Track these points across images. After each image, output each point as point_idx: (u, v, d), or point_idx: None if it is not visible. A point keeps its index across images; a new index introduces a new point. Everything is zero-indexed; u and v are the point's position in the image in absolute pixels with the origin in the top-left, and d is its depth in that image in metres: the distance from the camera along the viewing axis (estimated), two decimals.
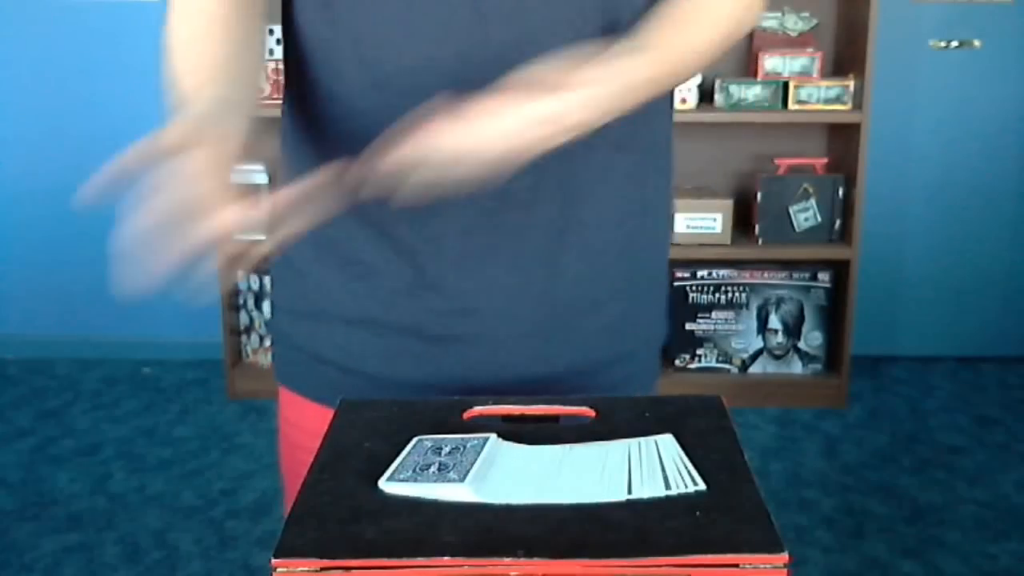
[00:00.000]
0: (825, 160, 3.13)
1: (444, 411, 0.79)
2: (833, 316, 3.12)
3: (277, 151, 1.02)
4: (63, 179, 3.38)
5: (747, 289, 3.11)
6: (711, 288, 3.11)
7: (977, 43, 3.25)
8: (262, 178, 3.05)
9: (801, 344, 3.14)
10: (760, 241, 3.07)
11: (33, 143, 3.35)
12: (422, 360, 0.95)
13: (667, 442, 0.72)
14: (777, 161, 3.11)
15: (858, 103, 2.96)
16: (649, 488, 0.65)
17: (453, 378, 0.95)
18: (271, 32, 3.02)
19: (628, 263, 0.98)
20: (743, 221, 3.14)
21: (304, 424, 1.01)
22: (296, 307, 1.01)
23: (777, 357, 3.15)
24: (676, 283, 3.10)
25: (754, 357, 3.15)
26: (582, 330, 0.97)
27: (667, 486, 0.66)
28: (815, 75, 3.01)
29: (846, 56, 3.09)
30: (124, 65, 3.28)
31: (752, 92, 2.99)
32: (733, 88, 2.99)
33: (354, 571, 0.60)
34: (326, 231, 0.90)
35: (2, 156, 3.37)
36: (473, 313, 0.93)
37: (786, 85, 2.99)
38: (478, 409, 0.79)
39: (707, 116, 3.03)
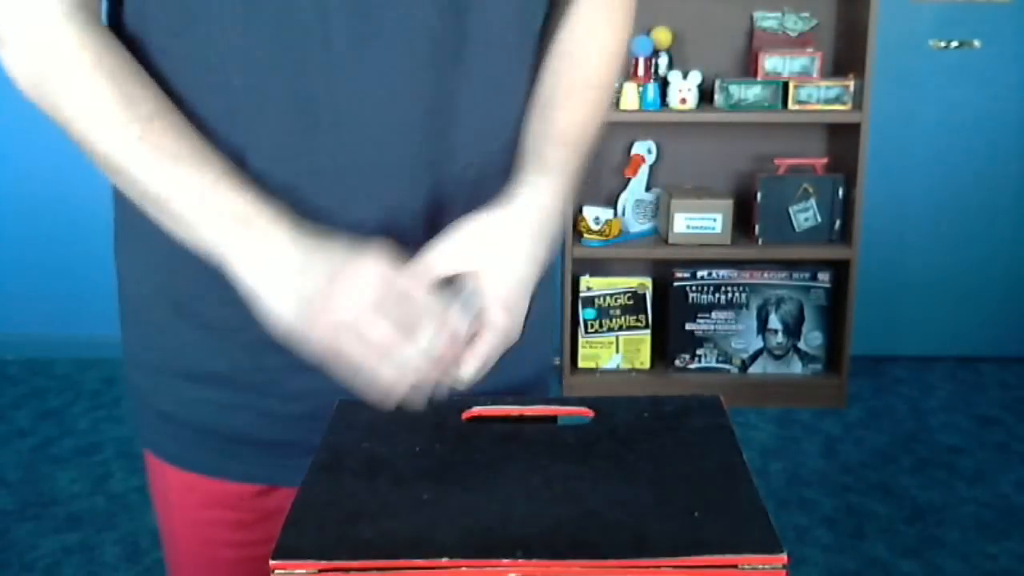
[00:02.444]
0: (825, 160, 3.13)
1: (443, 411, 0.79)
2: (833, 316, 3.12)
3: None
4: (63, 179, 3.38)
5: (747, 289, 3.11)
6: (711, 288, 3.11)
7: (977, 43, 3.25)
8: None
9: (801, 344, 3.14)
10: (760, 241, 3.07)
11: (33, 143, 3.35)
12: (280, 419, 0.89)
13: None
14: (777, 161, 3.10)
15: (858, 103, 2.96)
16: None
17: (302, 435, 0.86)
18: None
19: None
20: (743, 221, 3.14)
21: (167, 491, 0.95)
22: (144, 361, 0.93)
23: (777, 357, 3.15)
24: (676, 283, 3.10)
25: (754, 357, 3.15)
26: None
27: None
28: (815, 75, 3.01)
29: (846, 56, 3.09)
30: None
31: (752, 92, 2.99)
32: (733, 88, 2.98)
33: (353, 572, 0.60)
34: (181, 285, 0.86)
35: (2, 156, 3.37)
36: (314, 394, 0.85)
37: (786, 85, 2.99)
38: (477, 409, 0.79)
39: (707, 116, 3.03)
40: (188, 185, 0.76)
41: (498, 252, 0.79)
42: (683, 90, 2.98)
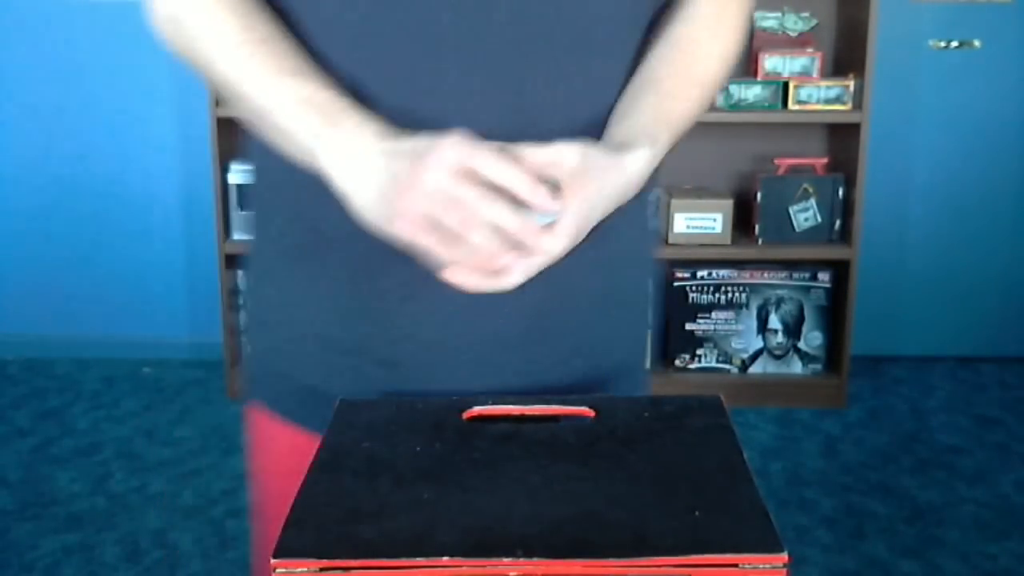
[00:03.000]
0: (825, 160, 3.13)
1: (444, 411, 0.79)
2: (833, 316, 3.12)
3: None
4: (63, 179, 3.38)
5: (747, 289, 3.11)
6: (711, 288, 3.11)
7: (977, 43, 3.25)
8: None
9: (801, 344, 3.14)
10: (760, 241, 3.07)
11: (33, 143, 3.35)
12: (369, 379, 0.91)
13: None
14: (777, 161, 3.10)
15: (858, 103, 2.96)
16: None
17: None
18: None
19: (602, 280, 0.93)
20: (743, 221, 3.14)
21: (271, 444, 0.99)
22: (265, 319, 0.97)
23: (777, 357, 3.15)
24: (676, 283, 3.10)
25: (754, 357, 3.15)
26: (538, 358, 0.92)
27: None
28: (815, 75, 3.01)
29: (846, 56, 3.09)
30: (123, 65, 3.28)
31: (752, 92, 2.99)
32: (733, 88, 2.98)
33: (354, 571, 0.60)
34: (304, 240, 0.89)
35: (2, 156, 3.37)
36: (414, 339, 0.89)
37: (786, 85, 2.99)
38: (478, 409, 0.79)
39: (707, 116, 2.99)
40: (287, 96, 0.82)
41: (590, 183, 0.79)
42: None
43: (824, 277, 3.10)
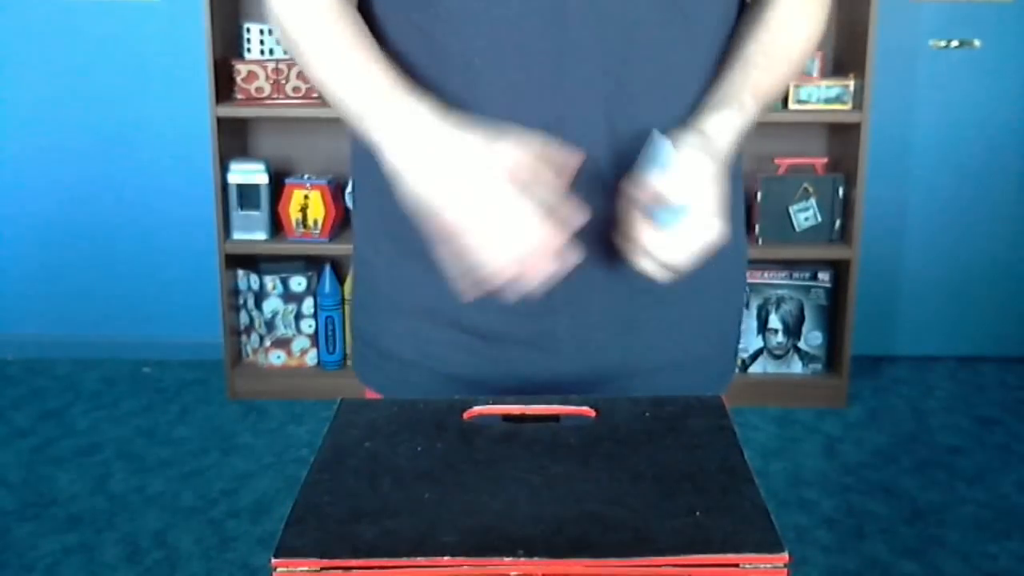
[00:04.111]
0: (825, 160, 3.13)
1: (444, 411, 0.79)
2: (833, 316, 3.12)
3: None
4: (63, 179, 3.38)
5: (747, 289, 3.11)
6: None
7: (977, 43, 3.25)
8: (263, 177, 3.05)
9: (801, 344, 3.14)
10: (760, 241, 3.07)
11: (33, 143, 3.35)
12: (483, 358, 0.96)
13: None
14: (777, 161, 3.10)
15: (858, 103, 2.96)
16: None
17: (512, 377, 0.97)
18: (267, 32, 3.01)
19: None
20: None
21: None
22: (367, 302, 1.04)
23: (777, 357, 3.15)
24: None
25: (754, 357, 3.15)
26: (648, 329, 0.97)
27: None
28: (815, 75, 3.01)
29: (846, 56, 3.09)
30: (125, 65, 3.28)
31: None
32: None
33: (354, 571, 0.60)
34: (403, 226, 0.92)
35: (2, 156, 3.37)
36: (538, 314, 0.94)
37: None
38: (478, 409, 0.79)
39: None
40: (360, 88, 0.90)
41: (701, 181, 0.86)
42: None
43: (824, 277, 3.10)
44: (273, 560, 0.60)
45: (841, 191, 3.04)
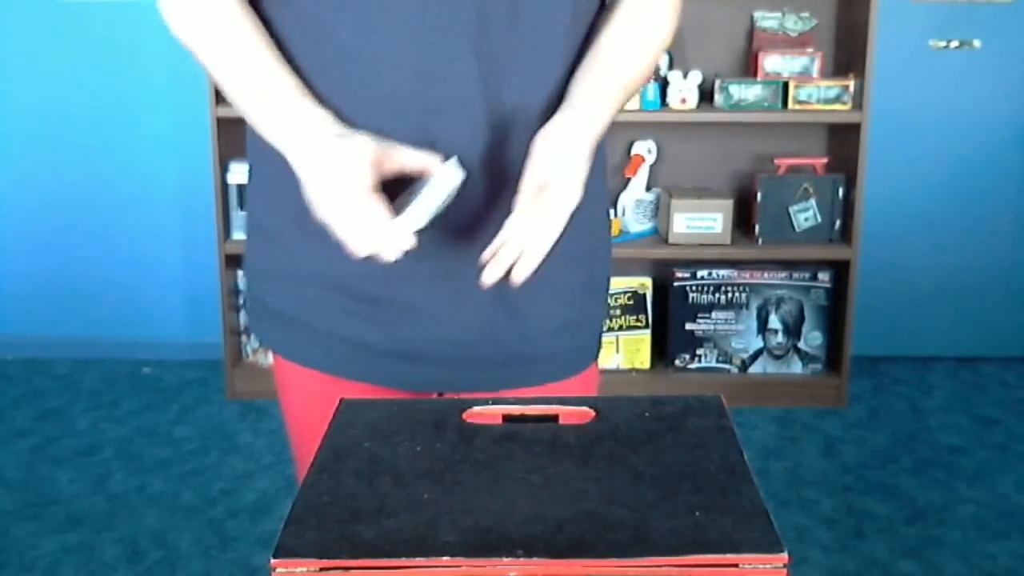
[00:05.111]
0: (825, 160, 3.13)
1: (444, 411, 0.79)
2: (833, 316, 3.12)
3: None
4: (63, 179, 3.38)
5: (747, 289, 3.11)
6: (711, 288, 3.11)
7: (977, 43, 3.25)
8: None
9: (801, 344, 3.14)
10: (760, 241, 3.07)
11: (33, 143, 3.35)
12: (364, 319, 1.04)
13: None
14: (777, 161, 3.10)
15: (858, 103, 2.96)
16: None
17: (393, 339, 1.04)
18: None
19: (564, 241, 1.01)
20: (743, 221, 3.14)
21: (287, 384, 1.13)
22: (267, 269, 1.10)
23: (777, 357, 3.15)
24: (676, 283, 3.10)
25: (754, 357, 3.15)
26: (517, 296, 1.03)
27: None
28: (815, 75, 3.01)
29: (846, 56, 3.09)
30: (123, 66, 3.28)
31: (752, 92, 2.99)
32: (733, 88, 2.98)
33: (354, 571, 0.60)
34: (298, 201, 0.98)
35: (2, 156, 3.37)
36: (413, 281, 1.02)
37: (786, 85, 2.99)
38: (477, 409, 0.79)
39: (707, 116, 3.03)
40: (262, 94, 0.98)
41: (559, 162, 0.93)
42: (683, 90, 2.98)
43: (824, 277, 3.10)
44: (272, 560, 0.60)
45: (841, 191, 3.04)
